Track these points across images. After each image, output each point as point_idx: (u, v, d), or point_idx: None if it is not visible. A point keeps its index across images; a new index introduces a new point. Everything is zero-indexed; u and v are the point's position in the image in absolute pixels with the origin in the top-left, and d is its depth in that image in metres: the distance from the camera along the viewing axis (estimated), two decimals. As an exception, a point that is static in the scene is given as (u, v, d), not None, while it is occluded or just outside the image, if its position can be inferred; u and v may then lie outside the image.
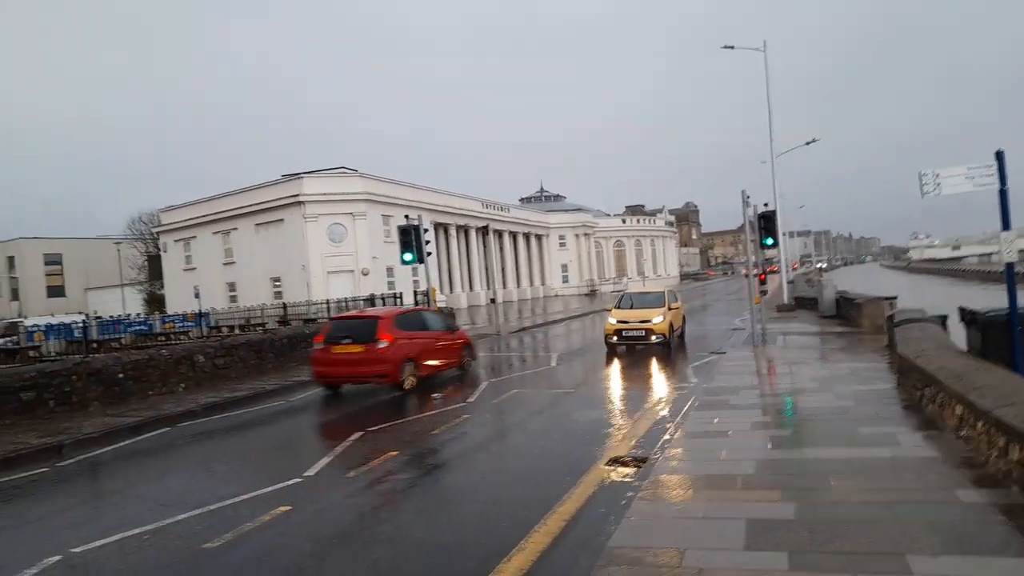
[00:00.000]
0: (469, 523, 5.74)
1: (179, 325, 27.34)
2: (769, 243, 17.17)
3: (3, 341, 25.49)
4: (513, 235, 60.14)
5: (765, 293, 21.88)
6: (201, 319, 26.69)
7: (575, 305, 43.73)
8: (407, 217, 20.35)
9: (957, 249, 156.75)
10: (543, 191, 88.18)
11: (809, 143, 37.88)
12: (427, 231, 20.76)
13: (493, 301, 30.41)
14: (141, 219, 60.70)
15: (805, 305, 27.60)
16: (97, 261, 62.57)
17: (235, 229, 42.61)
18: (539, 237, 65.25)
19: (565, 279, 67.79)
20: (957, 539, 4.32)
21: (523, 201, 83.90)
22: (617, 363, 15.08)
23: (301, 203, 38.48)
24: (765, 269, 23.39)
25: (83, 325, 20.05)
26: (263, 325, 24.73)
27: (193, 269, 45.19)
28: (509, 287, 57.97)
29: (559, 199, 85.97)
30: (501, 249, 57.46)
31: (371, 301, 27.11)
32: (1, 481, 7.89)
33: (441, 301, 28.83)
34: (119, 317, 26.55)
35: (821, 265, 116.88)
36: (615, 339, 16.91)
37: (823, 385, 10.21)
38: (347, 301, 26.78)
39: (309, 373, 15.47)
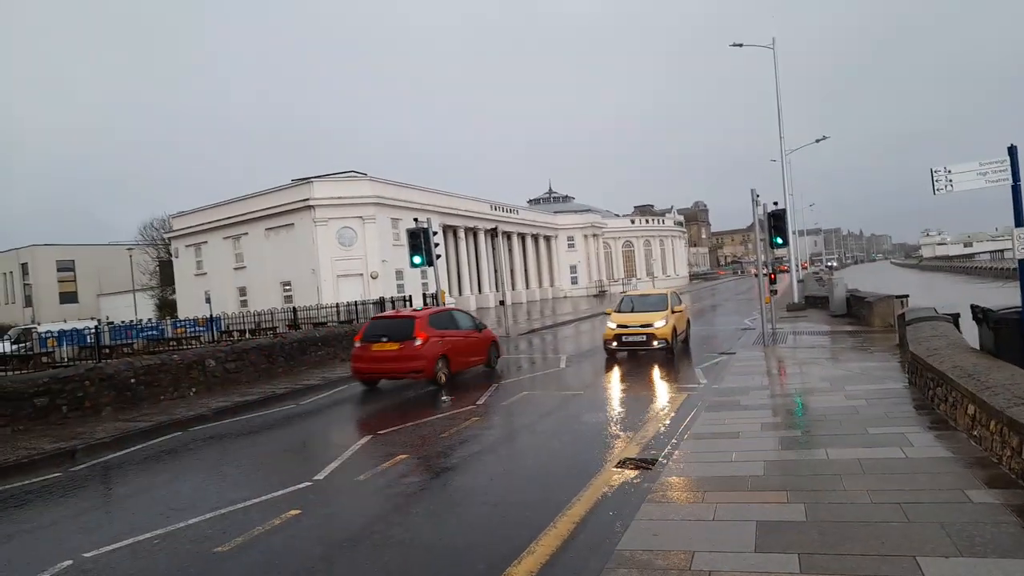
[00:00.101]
0: (479, 526, 5.75)
1: (190, 330, 27.47)
2: (779, 242, 17.08)
3: (17, 347, 25.74)
4: (522, 236, 60.13)
5: (775, 292, 21.76)
6: (212, 324, 26.82)
7: (584, 306, 43.64)
8: (416, 220, 20.37)
9: (969, 246, 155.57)
10: (551, 192, 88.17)
11: (819, 140, 37.83)
12: (436, 234, 20.78)
13: (502, 303, 30.44)
14: (153, 225, 61.37)
15: (815, 304, 27.49)
16: (109, 267, 63.10)
17: (245, 234, 42.89)
18: (548, 238, 65.21)
19: (574, 280, 67.68)
20: (969, 540, 4.28)
21: (531, 202, 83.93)
22: (626, 365, 15.04)
23: (311, 207, 38.67)
24: (775, 268, 23.28)
25: (95, 331, 20.12)
26: (273, 329, 24.83)
27: (204, 274, 45.47)
28: (518, 288, 57.97)
29: (568, 200, 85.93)
30: (510, 251, 57.48)
31: (380, 304, 27.14)
32: (15, 486, 7.97)
33: (450, 303, 28.85)
34: (131, 322, 26.67)
35: (831, 263, 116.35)
36: (615, 345, 16.05)
37: (834, 385, 10.16)
38: (357, 304, 26.84)
39: (319, 377, 15.59)
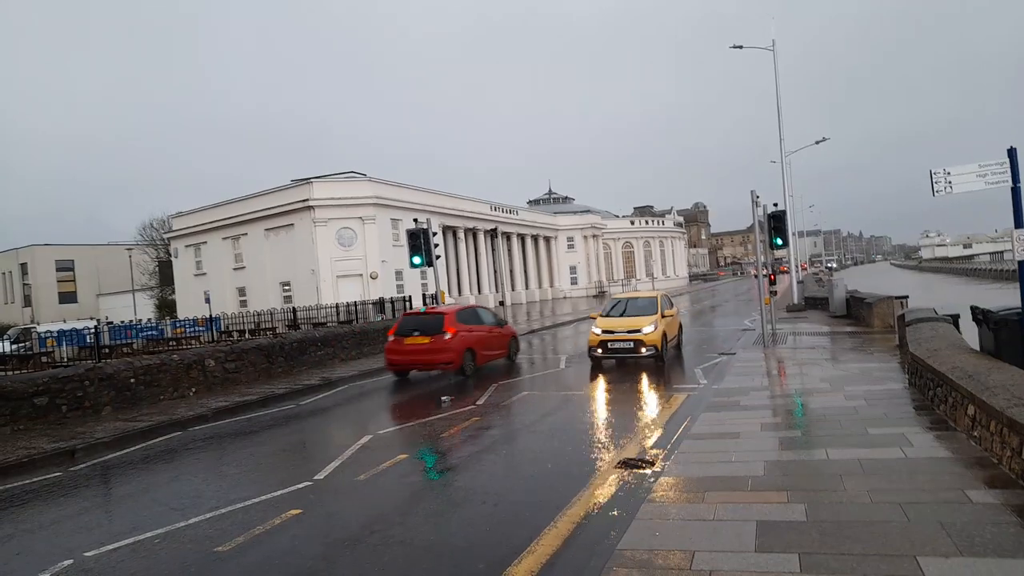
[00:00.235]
0: (479, 525, 5.75)
1: (190, 330, 27.46)
2: (779, 243, 17.09)
3: (16, 347, 25.73)
4: (521, 237, 60.15)
5: (775, 293, 21.79)
6: (211, 324, 26.82)
7: (584, 307, 43.61)
8: (416, 220, 20.37)
9: (969, 247, 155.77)
10: (551, 193, 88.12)
11: (819, 142, 37.80)
12: (436, 234, 20.77)
13: (502, 303, 30.44)
14: (152, 225, 61.28)
15: (815, 305, 27.51)
16: (108, 267, 63.10)
17: (245, 234, 42.85)
18: (547, 239, 65.22)
19: (574, 281, 67.70)
20: (969, 540, 4.29)
21: (531, 203, 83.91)
22: (624, 367, 15.03)
23: (311, 208, 38.66)
24: (775, 269, 23.31)
25: (95, 331, 20.13)
26: (273, 329, 24.82)
27: (203, 274, 45.45)
28: (518, 289, 57.98)
29: (567, 201, 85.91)
30: (509, 251, 57.50)
31: (380, 305, 27.18)
32: (15, 485, 7.97)
33: (450, 303, 28.81)
34: (130, 322, 26.68)
35: (831, 264, 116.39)
36: (599, 352, 14.86)
37: (833, 385, 10.17)
38: (356, 305, 26.86)
39: (319, 378, 15.60)
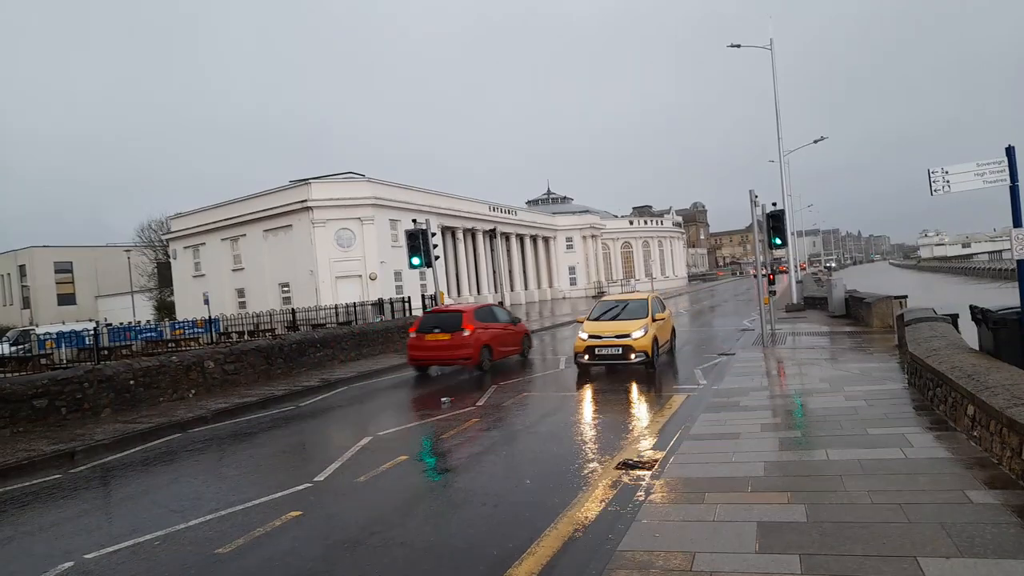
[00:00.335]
0: (480, 527, 5.75)
1: (189, 331, 27.47)
2: (778, 243, 17.08)
3: (15, 349, 25.70)
4: (520, 238, 60.15)
5: (774, 293, 21.77)
6: (211, 325, 26.83)
7: (583, 307, 43.59)
8: (415, 221, 20.37)
9: (967, 247, 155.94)
10: (550, 193, 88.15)
11: (817, 141, 37.87)
12: (435, 235, 20.77)
13: (501, 304, 30.43)
14: (151, 226, 61.32)
15: (814, 305, 27.54)
16: (107, 269, 63.14)
17: (244, 235, 42.83)
18: (546, 239, 65.22)
19: (573, 281, 67.71)
20: (969, 541, 4.29)
21: (530, 203, 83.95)
22: (622, 369, 15.01)
23: (309, 208, 38.65)
24: (774, 269, 23.32)
25: (94, 332, 20.14)
26: (272, 330, 24.84)
27: (202, 275, 45.43)
28: (517, 289, 57.97)
29: (566, 201, 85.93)
30: (508, 252, 57.51)
31: (379, 306, 27.19)
32: (15, 488, 7.96)
33: (449, 304, 28.82)
34: (129, 324, 26.69)
35: (830, 264, 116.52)
36: (586, 358, 14.21)
37: (833, 386, 10.18)
38: (355, 306, 26.86)
39: (318, 379, 15.59)
